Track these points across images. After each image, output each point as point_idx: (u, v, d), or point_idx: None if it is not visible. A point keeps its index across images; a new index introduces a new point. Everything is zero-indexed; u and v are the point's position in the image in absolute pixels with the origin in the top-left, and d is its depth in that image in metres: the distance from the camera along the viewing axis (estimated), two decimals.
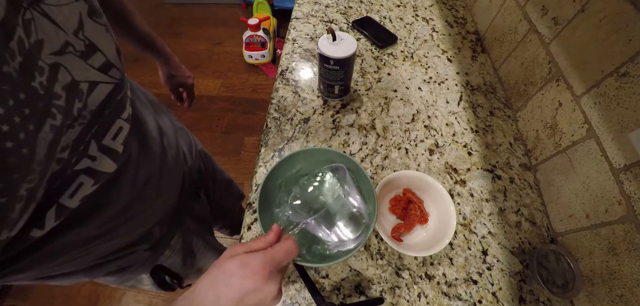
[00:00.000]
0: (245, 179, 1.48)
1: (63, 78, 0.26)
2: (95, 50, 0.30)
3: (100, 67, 0.31)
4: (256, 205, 0.43)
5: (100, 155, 0.32)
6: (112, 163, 0.34)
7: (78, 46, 0.28)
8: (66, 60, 0.27)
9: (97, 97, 0.31)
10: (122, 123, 0.35)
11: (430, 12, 0.90)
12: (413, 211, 0.50)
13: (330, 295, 0.44)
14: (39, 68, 0.24)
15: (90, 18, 0.30)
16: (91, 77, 0.30)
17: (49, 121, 0.24)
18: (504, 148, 0.61)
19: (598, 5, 0.45)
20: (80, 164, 0.31)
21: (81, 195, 0.31)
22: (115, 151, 0.34)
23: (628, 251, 0.37)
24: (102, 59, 0.31)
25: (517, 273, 0.47)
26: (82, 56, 0.29)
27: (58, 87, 0.26)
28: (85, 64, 0.29)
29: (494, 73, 0.74)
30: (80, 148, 0.30)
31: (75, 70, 0.28)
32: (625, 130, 0.39)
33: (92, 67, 0.30)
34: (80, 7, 0.29)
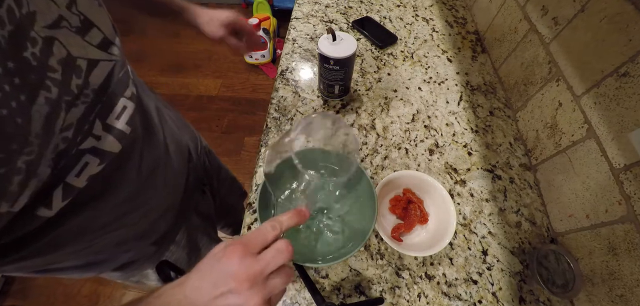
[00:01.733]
0: (245, 179, 1.47)
1: (58, 52, 0.26)
2: (91, 26, 0.30)
3: (99, 45, 0.31)
4: (256, 205, 0.43)
5: (104, 135, 0.32)
6: (116, 143, 0.34)
7: (73, 21, 0.28)
8: (61, 35, 0.27)
9: (99, 75, 0.31)
10: (126, 102, 0.35)
11: (430, 12, 0.90)
12: (413, 211, 0.50)
13: (330, 295, 0.44)
14: (31, 39, 0.24)
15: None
16: (90, 55, 0.30)
17: (43, 93, 0.24)
18: (504, 148, 0.61)
19: (598, 5, 0.45)
20: (85, 143, 0.31)
21: (87, 174, 0.31)
22: (119, 130, 0.34)
23: (628, 251, 0.37)
24: (99, 36, 0.31)
25: (517, 273, 0.47)
26: (78, 32, 0.29)
27: (53, 61, 0.26)
28: (83, 40, 0.29)
29: (494, 73, 0.74)
30: (85, 128, 0.30)
31: (71, 45, 0.28)
32: (625, 130, 0.39)
33: (90, 44, 0.30)
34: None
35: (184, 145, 0.57)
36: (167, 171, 0.47)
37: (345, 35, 0.59)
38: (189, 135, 0.64)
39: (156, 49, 2.14)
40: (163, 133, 0.47)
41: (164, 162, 0.46)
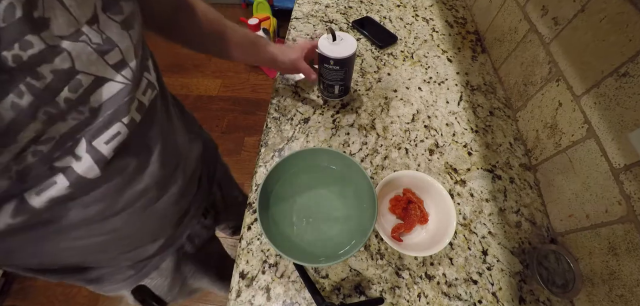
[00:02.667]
0: (245, 179, 1.47)
1: (60, 62, 0.25)
2: (113, 46, 0.29)
3: (115, 65, 0.30)
4: (256, 205, 0.43)
5: (86, 157, 0.30)
6: (95, 168, 0.31)
7: (94, 38, 0.27)
8: (75, 48, 0.26)
9: (102, 95, 0.29)
10: (120, 128, 0.32)
11: (430, 12, 0.90)
12: (413, 211, 0.50)
13: (330, 295, 0.44)
14: (23, 41, 0.22)
15: (104, 13, 0.29)
16: (100, 72, 0.28)
17: (11, 97, 0.23)
18: (504, 148, 0.61)
19: (598, 5, 0.45)
20: (61, 161, 0.28)
21: (49, 196, 0.29)
22: (102, 155, 0.31)
23: (628, 251, 0.37)
24: (118, 57, 0.30)
25: (517, 273, 0.47)
26: (98, 50, 0.28)
27: (45, 69, 0.24)
28: (101, 59, 0.28)
29: (494, 73, 0.74)
30: (68, 144, 0.28)
31: (82, 60, 0.26)
32: (625, 130, 0.39)
33: (107, 64, 0.29)
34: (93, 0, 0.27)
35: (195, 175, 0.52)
36: (158, 204, 0.42)
37: (345, 35, 0.59)
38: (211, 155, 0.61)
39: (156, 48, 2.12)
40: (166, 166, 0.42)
41: (154, 196, 0.41)
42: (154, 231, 0.46)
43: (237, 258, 0.47)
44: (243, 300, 0.43)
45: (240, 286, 0.44)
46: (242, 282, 0.44)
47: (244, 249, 0.47)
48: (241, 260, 0.46)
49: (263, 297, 0.43)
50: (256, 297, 0.43)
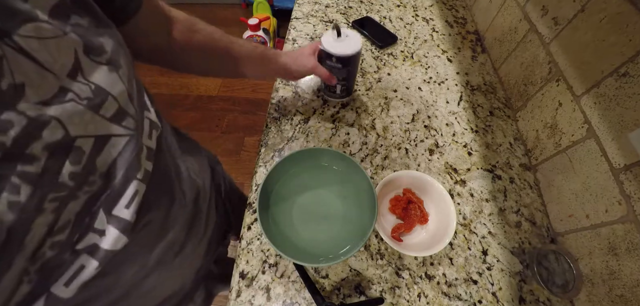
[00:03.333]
0: (245, 179, 1.47)
1: (50, 134, 0.20)
2: (106, 96, 0.24)
3: (113, 117, 0.25)
4: (256, 205, 0.43)
5: (110, 229, 0.26)
6: (122, 238, 0.28)
7: (83, 92, 0.22)
8: (63, 111, 0.21)
9: (109, 155, 0.25)
10: (137, 186, 0.28)
11: (430, 12, 0.90)
12: (413, 211, 0.50)
13: (330, 295, 0.44)
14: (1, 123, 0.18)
15: (87, 56, 0.23)
16: (100, 130, 0.24)
17: (5, 196, 0.19)
18: (504, 148, 0.61)
19: (598, 5, 0.45)
20: (83, 241, 0.25)
21: (80, 282, 0.25)
22: (127, 221, 0.28)
23: (628, 251, 0.37)
24: (114, 106, 0.25)
25: (517, 273, 0.47)
26: (90, 106, 0.23)
27: (36, 147, 0.20)
28: (97, 115, 0.23)
29: (494, 73, 0.74)
30: (86, 221, 0.25)
31: (74, 124, 0.22)
32: (625, 130, 0.39)
33: (104, 118, 0.24)
34: (73, 43, 0.22)
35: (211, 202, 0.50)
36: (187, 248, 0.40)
37: (351, 32, 0.58)
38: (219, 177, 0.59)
39: None
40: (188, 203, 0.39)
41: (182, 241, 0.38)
42: (186, 274, 0.45)
43: (237, 258, 0.46)
44: (243, 300, 0.43)
45: (240, 286, 0.44)
46: (242, 282, 0.44)
47: (244, 249, 0.47)
48: (241, 260, 0.46)
49: (263, 297, 0.43)
50: (256, 297, 0.43)
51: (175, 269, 0.40)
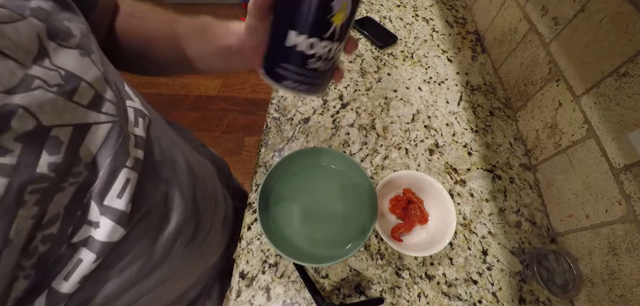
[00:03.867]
0: (245, 179, 1.47)
1: (20, 124, 0.19)
2: (78, 82, 0.23)
3: (90, 104, 0.24)
4: (256, 205, 0.43)
5: (104, 220, 0.26)
6: (118, 228, 0.27)
7: (52, 79, 0.21)
8: (32, 100, 0.20)
9: (91, 144, 0.24)
10: (128, 174, 0.27)
11: (430, 12, 0.90)
12: (413, 211, 0.50)
13: (330, 295, 0.44)
14: None
15: (53, 41, 0.22)
16: (77, 119, 0.23)
17: None
18: (504, 148, 0.61)
19: (598, 5, 0.45)
20: (78, 234, 0.25)
21: (80, 275, 0.25)
22: (121, 212, 0.27)
23: (628, 251, 0.37)
24: (90, 92, 0.24)
25: (517, 273, 0.47)
26: (61, 92, 0.21)
27: (6, 139, 0.19)
28: (70, 101, 0.22)
29: (494, 73, 0.74)
30: (78, 214, 0.24)
31: (46, 112, 0.21)
32: (625, 130, 0.39)
33: (80, 105, 0.23)
34: (34, 26, 0.21)
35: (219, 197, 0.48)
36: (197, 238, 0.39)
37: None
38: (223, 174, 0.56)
39: None
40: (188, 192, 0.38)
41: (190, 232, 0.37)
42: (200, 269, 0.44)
43: (237, 258, 0.47)
44: (243, 300, 0.43)
45: (240, 286, 0.44)
46: (242, 282, 0.44)
47: (244, 249, 0.47)
48: (241, 260, 0.46)
49: (263, 297, 0.43)
50: (256, 297, 0.43)
51: (187, 262, 0.39)
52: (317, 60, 0.25)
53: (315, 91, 0.28)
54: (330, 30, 0.24)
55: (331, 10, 0.23)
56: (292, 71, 0.26)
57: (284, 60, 0.26)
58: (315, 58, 0.25)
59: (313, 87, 0.27)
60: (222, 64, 0.37)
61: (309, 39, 0.24)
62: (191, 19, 0.38)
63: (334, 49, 0.25)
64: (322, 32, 0.24)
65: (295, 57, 0.25)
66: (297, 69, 0.26)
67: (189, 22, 0.37)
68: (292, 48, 0.25)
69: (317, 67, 0.26)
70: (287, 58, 0.26)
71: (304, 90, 0.27)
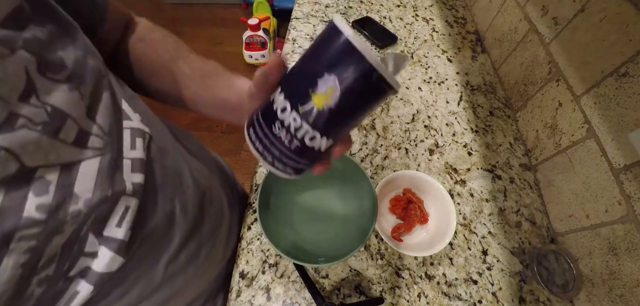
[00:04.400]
0: (245, 179, 1.47)
1: (2, 169, 0.18)
2: (64, 119, 0.21)
3: (75, 141, 0.22)
4: (256, 205, 0.43)
5: (103, 251, 0.25)
6: (117, 258, 0.26)
7: (37, 116, 0.20)
8: (14, 140, 0.19)
9: (83, 181, 0.23)
10: (127, 201, 0.26)
11: (430, 12, 0.90)
12: (413, 211, 0.50)
13: (330, 295, 0.44)
14: None
15: (43, 76, 0.20)
16: (63, 158, 0.21)
17: None
18: (504, 148, 0.61)
19: (598, 5, 0.45)
20: (75, 267, 0.24)
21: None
22: (121, 241, 0.26)
23: (628, 251, 0.37)
24: (74, 129, 0.22)
25: (517, 273, 0.47)
26: (46, 130, 0.20)
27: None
28: (56, 140, 0.21)
29: (494, 73, 0.74)
30: (74, 249, 0.23)
31: (29, 153, 0.19)
32: (625, 130, 0.39)
33: (66, 143, 0.22)
34: (23, 61, 0.19)
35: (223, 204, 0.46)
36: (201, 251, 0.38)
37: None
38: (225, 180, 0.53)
39: None
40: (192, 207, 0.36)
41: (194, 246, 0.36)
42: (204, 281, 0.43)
43: (237, 258, 0.47)
44: (243, 300, 0.43)
45: (240, 286, 0.44)
46: (242, 282, 0.44)
47: (244, 249, 0.47)
48: (241, 260, 0.46)
49: (263, 297, 0.43)
50: (256, 297, 0.43)
51: (190, 278, 0.38)
52: (282, 127, 0.22)
53: (273, 163, 0.24)
54: (306, 106, 0.21)
55: (314, 85, 0.21)
56: (259, 125, 0.24)
57: (260, 112, 0.24)
58: (281, 123, 0.22)
59: (270, 155, 0.24)
60: (217, 113, 0.36)
61: (284, 100, 0.22)
62: (199, 59, 0.37)
63: (304, 130, 0.22)
64: (297, 101, 0.22)
65: (267, 112, 0.24)
66: (264, 125, 0.24)
67: (196, 62, 0.37)
68: (270, 103, 0.23)
69: (280, 135, 0.23)
70: (263, 110, 0.24)
71: (259, 150, 0.24)
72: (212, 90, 0.35)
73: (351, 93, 0.21)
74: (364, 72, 0.20)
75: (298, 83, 0.22)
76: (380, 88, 0.21)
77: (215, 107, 0.35)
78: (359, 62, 0.20)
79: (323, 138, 0.23)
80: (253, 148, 0.25)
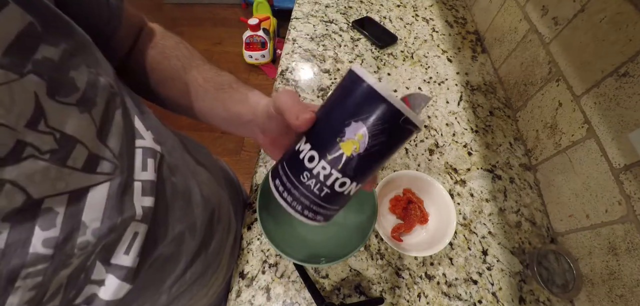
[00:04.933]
0: (245, 179, 1.47)
1: (7, 203, 0.17)
2: (74, 144, 0.20)
3: (85, 166, 0.21)
4: (256, 205, 0.43)
5: (110, 279, 0.24)
6: (125, 285, 0.25)
7: (44, 144, 0.18)
8: (20, 172, 0.17)
9: (91, 209, 0.22)
10: (136, 227, 0.25)
11: (430, 12, 0.90)
12: (413, 211, 0.50)
13: (330, 295, 0.44)
14: None
15: (52, 99, 0.19)
16: (73, 185, 0.20)
17: None
18: (504, 148, 0.61)
19: (598, 5, 0.45)
20: (81, 296, 0.23)
21: None
22: (129, 268, 0.25)
23: (628, 251, 0.37)
24: (83, 154, 0.21)
25: (517, 273, 0.47)
26: (54, 159, 0.19)
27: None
28: (64, 167, 0.20)
29: (494, 73, 0.74)
30: (81, 278, 0.23)
31: (36, 183, 0.18)
32: (625, 130, 0.39)
33: (75, 169, 0.20)
34: (32, 85, 0.18)
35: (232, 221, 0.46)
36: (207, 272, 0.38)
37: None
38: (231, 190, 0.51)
39: None
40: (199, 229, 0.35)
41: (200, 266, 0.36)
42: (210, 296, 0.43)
43: (237, 258, 0.47)
44: (243, 300, 0.43)
45: (240, 286, 0.44)
46: (242, 282, 0.44)
47: (244, 249, 0.47)
48: (241, 260, 0.46)
49: (263, 297, 0.43)
50: (256, 297, 0.43)
51: (195, 297, 0.37)
52: (311, 177, 0.22)
53: (303, 212, 0.24)
54: (335, 154, 0.22)
55: (341, 134, 0.21)
56: (286, 176, 0.24)
57: (286, 163, 0.24)
58: (309, 173, 0.22)
59: (299, 205, 0.23)
60: (227, 127, 0.36)
61: (311, 150, 0.22)
62: (213, 70, 0.36)
63: (333, 178, 0.22)
64: (325, 150, 0.22)
65: (294, 162, 0.24)
66: (291, 175, 0.23)
67: (210, 73, 0.36)
68: (296, 153, 0.24)
69: (309, 184, 0.23)
70: (289, 161, 0.24)
71: (288, 200, 0.24)
72: (225, 102, 0.34)
73: (378, 138, 0.21)
74: (391, 117, 0.20)
75: (325, 133, 0.22)
76: (406, 129, 0.21)
77: (227, 120, 0.35)
78: (385, 107, 0.20)
79: (353, 184, 0.23)
80: (281, 199, 0.24)
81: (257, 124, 0.32)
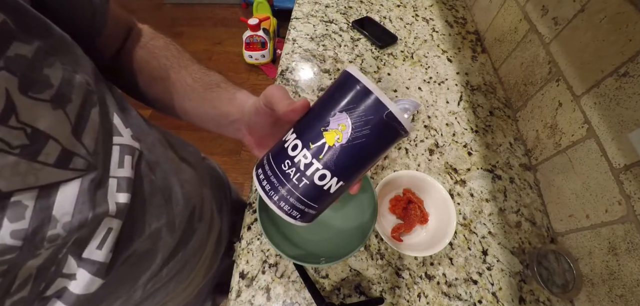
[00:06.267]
0: (245, 179, 1.47)
1: None
2: (46, 139, 0.20)
3: (57, 162, 0.21)
4: (256, 205, 0.43)
5: (81, 273, 0.24)
6: (96, 280, 0.25)
7: (14, 139, 0.19)
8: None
9: (62, 205, 0.22)
10: (109, 223, 0.25)
11: (430, 12, 0.90)
12: (413, 211, 0.50)
13: (330, 295, 0.44)
14: None
15: (24, 95, 0.19)
16: (43, 180, 0.21)
17: None
18: (504, 148, 0.61)
19: (598, 5, 0.45)
20: (52, 288, 0.23)
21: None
22: (101, 263, 0.25)
23: (628, 251, 0.37)
24: (56, 150, 0.21)
25: (517, 273, 0.47)
26: (25, 154, 0.19)
27: None
28: (34, 162, 0.20)
29: (494, 73, 0.74)
30: (52, 270, 0.23)
31: (5, 178, 0.18)
32: (625, 130, 0.39)
33: (46, 164, 0.21)
34: (3, 82, 0.18)
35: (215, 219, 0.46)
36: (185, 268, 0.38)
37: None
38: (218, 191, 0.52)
39: None
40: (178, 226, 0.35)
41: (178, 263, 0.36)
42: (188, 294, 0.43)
43: (237, 258, 0.46)
44: (243, 300, 0.43)
45: (240, 286, 0.44)
46: (242, 282, 0.44)
47: (244, 249, 0.47)
48: (241, 260, 0.46)
49: (263, 297, 0.43)
50: (256, 297, 0.43)
51: (172, 293, 0.38)
52: (292, 165, 0.22)
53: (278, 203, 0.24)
54: (318, 143, 0.22)
55: (326, 124, 0.22)
56: (268, 165, 0.24)
57: (271, 153, 0.25)
58: (291, 161, 0.22)
59: (276, 194, 0.23)
60: (214, 127, 0.36)
61: (296, 139, 0.23)
62: (201, 70, 0.36)
63: (313, 168, 0.22)
64: (308, 139, 0.22)
65: (278, 152, 0.24)
66: (274, 164, 0.24)
67: (199, 73, 0.36)
68: (282, 143, 0.24)
69: (288, 172, 0.23)
70: (274, 151, 0.25)
71: (266, 189, 0.24)
72: (213, 102, 0.34)
73: (362, 130, 0.21)
74: (375, 109, 0.21)
75: (311, 124, 0.23)
76: (391, 127, 0.21)
77: (214, 119, 0.35)
78: (369, 100, 0.21)
79: (333, 178, 0.22)
80: (260, 187, 0.24)
81: (244, 123, 0.32)
